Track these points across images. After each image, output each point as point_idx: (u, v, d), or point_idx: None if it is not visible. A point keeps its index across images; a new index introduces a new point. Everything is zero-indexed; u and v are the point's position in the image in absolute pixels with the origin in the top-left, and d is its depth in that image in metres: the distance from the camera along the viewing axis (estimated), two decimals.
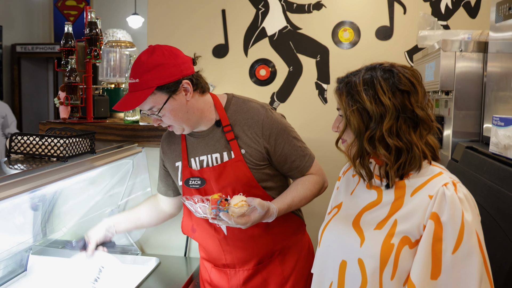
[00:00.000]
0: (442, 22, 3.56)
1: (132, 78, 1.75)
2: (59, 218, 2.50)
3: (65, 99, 2.53)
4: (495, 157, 1.65)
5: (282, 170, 1.92)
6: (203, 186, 1.87)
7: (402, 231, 1.26)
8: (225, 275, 1.97)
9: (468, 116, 2.16)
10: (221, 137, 1.87)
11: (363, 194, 1.41)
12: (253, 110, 1.88)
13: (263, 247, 1.92)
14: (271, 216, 1.72)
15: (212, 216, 1.64)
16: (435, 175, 1.29)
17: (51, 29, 9.11)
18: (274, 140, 1.85)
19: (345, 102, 1.34)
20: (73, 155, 1.88)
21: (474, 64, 2.16)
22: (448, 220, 1.20)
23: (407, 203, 1.29)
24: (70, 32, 2.60)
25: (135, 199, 2.51)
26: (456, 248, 1.19)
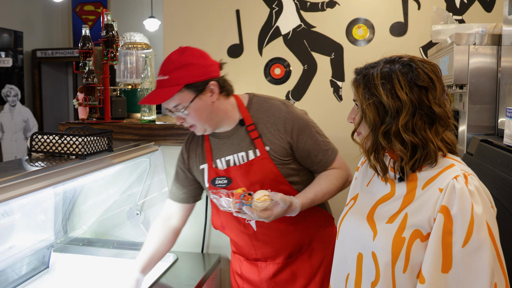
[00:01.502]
0: (457, 17, 3.54)
1: (161, 75, 1.79)
2: (79, 216, 2.55)
3: (83, 100, 2.58)
4: (509, 149, 1.65)
5: (305, 164, 1.94)
6: (229, 185, 1.90)
7: (413, 225, 1.26)
8: (256, 267, 2.00)
9: (483, 110, 2.15)
10: (245, 136, 1.90)
11: (378, 187, 1.41)
12: (275, 107, 1.92)
13: (292, 242, 1.95)
14: (294, 211, 1.74)
15: (236, 210, 1.68)
16: (447, 168, 1.27)
17: (70, 34, 9.25)
18: (296, 135, 1.88)
19: (361, 94, 1.33)
20: (91, 153, 1.93)
21: (488, 58, 2.15)
22: (458, 213, 1.19)
23: (419, 196, 1.28)
24: (87, 35, 2.65)
25: (153, 199, 2.55)
26: (466, 241, 1.18)
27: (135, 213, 2.53)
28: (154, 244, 2.03)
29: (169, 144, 2.50)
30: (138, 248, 2.47)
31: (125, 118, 2.83)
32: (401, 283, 1.26)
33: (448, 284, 1.19)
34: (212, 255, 2.44)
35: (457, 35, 2.16)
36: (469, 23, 2.49)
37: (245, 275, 2.04)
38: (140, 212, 2.53)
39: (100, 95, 2.64)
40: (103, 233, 2.59)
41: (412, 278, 1.26)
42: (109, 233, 2.58)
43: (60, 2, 8.57)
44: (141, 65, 3.18)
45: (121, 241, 2.53)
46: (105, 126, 2.55)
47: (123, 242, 2.53)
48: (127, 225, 2.56)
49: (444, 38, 2.48)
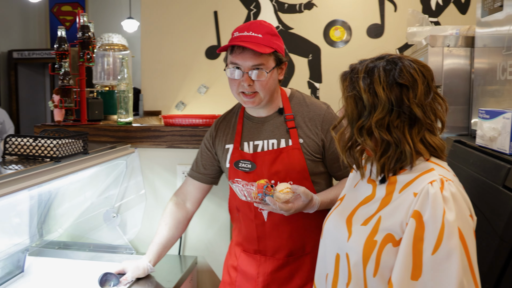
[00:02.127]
0: (433, 19, 3.60)
1: (251, 31, 1.82)
2: (55, 219, 2.52)
3: (59, 102, 2.55)
4: (481, 149, 1.68)
5: (331, 167, 1.96)
6: (253, 171, 1.90)
7: (385, 228, 1.24)
8: (254, 261, 1.98)
9: (456, 111, 2.18)
10: (282, 124, 1.93)
11: (362, 188, 1.40)
12: (316, 104, 1.97)
13: (297, 241, 1.94)
14: (313, 207, 1.77)
15: (257, 200, 1.70)
16: (425, 172, 1.24)
17: (47, 34, 9.13)
18: (331, 136, 1.90)
19: (345, 87, 1.33)
20: (66, 156, 1.91)
21: (462, 59, 2.18)
22: (429, 219, 1.16)
23: (395, 199, 1.26)
24: (63, 36, 2.62)
25: (130, 202, 2.54)
26: (435, 248, 1.14)
27: (112, 216, 2.51)
28: (168, 228, 2.08)
29: (146, 146, 2.49)
30: (114, 250, 2.46)
31: (102, 120, 2.81)
32: (372, 287, 1.25)
33: None
34: (189, 257, 2.43)
35: (431, 37, 2.19)
36: (443, 26, 2.53)
37: (241, 268, 2.02)
38: (116, 214, 2.51)
39: (76, 97, 2.62)
40: (79, 236, 2.56)
41: (383, 282, 1.23)
42: (86, 236, 2.56)
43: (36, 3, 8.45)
44: (118, 67, 3.16)
45: (97, 244, 2.51)
46: (81, 128, 2.52)
47: (100, 245, 2.50)
48: (103, 228, 2.54)
49: (419, 40, 2.51)
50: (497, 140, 1.56)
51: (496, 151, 1.56)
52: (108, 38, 4.44)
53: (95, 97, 2.86)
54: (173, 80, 4.23)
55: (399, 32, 3.57)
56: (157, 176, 2.52)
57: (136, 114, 4.36)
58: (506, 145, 1.50)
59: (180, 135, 2.44)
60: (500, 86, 1.74)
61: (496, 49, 1.79)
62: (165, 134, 2.46)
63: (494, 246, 1.33)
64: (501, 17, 1.73)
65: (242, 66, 1.82)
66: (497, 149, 1.56)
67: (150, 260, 2.05)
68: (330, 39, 3.70)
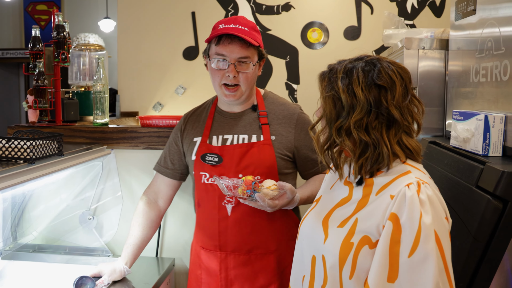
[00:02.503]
0: (408, 22, 3.64)
1: (238, 24, 1.85)
2: (29, 222, 2.48)
3: (33, 103, 2.52)
4: (456, 150, 1.70)
5: (303, 166, 1.99)
6: (219, 164, 1.91)
7: (362, 231, 1.24)
8: (215, 257, 1.97)
9: (432, 112, 2.21)
10: (255, 121, 1.95)
11: (339, 190, 1.40)
12: (289, 105, 2.03)
13: (259, 236, 1.93)
14: (293, 204, 1.80)
15: (244, 197, 1.71)
16: (402, 174, 1.25)
17: (21, 34, 8.97)
18: (304, 135, 1.95)
19: (324, 87, 1.32)
20: (40, 157, 1.88)
21: (436, 62, 2.21)
22: (406, 221, 1.16)
23: (371, 202, 1.26)
24: (37, 36, 2.59)
25: (107, 204, 2.51)
26: (412, 251, 1.15)
27: (88, 218, 2.48)
28: (142, 229, 2.07)
29: (122, 148, 2.47)
30: (91, 253, 2.43)
31: (78, 121, 2.77)
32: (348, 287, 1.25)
33: None
34: (166, 259, 2.42)
35: (407, 40, 2.22)
36: (418, 28, 2.57)
37: (204, 264, 2.01)
38: (92, 217, 2.49)
39: (51, 97, 2.58)
40: (55, 239, 2.53)
41: (359, 284, 1.23)
42: (61, 238, 2.52)
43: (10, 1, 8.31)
44: (95, 67, 3.12)
45: (73, 247, 2.48)
46: (56, 129, 2.49)
47: (76, 248, 2.47)
48: (79, 230, 2.51)
49: (395, 42, 2.54)
50: (471, 141, 1.59)
51: (469, 152, 1.59)
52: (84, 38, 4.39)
53: (70, 98, 2.83)
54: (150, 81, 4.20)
55: (375, 34, 3.61)
56: (134, 178, 2.50)
57: (113, 115, 4.31)
58: (479, 146, 1.53)
59: (157, 136, 2.43)
60: (473, 88, 1.77)
61: (469, 52, 1.82)
62: (142, 135, 2.44)
63: (467, 246, 1.35)
64: (474, 21, 1.76)
65: (228, 57, 1.84)
66: (470, 150, 1.58)
67: (126, 262, 2.03)
68: (307, 41, 3.72)
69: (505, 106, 1.51)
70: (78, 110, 2.77)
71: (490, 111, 1.58)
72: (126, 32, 4.03)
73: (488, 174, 1.35)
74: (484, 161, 1.41)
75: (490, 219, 1.29)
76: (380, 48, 3.59)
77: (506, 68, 1.49)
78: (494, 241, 1.29)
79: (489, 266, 1.31)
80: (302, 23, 3.72)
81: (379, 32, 3.52)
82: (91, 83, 3.04)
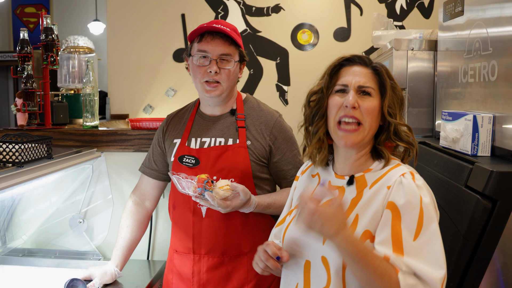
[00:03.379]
0: (397, 23, 3.66)
1: (220, 24, 1.89)
2: (19, 226, 2.46)
3: (22, 106, 2.50)
4: (445, 150, 1.71)
5: (276, 175, 1.99)
6: (196, 166, 1.91)
7: (363, 226, 1.27)
8: (188, 260, 1.96)
9: (421, 113, 2.23)
10: (232, 125, 1.96)
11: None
12: (268, 111, 2.02)
13: (233, 238, 1.93)
14: (249, 207, 1.79)
15: (196, 195, 1.70)
16: (393, 167, 1.32)
17: (10, 36, 8.91)
18: (279, 144, 1.95)
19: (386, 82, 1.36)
20: (29, 161, 1.86)
21: (426, 63, 2.23)
22: (406, 206, 1.21)
23: (366, 195, 1.30)
24: (25, 38, 2.57)
25: (97, 207, 2.50)
26: (416, 235, 1.19)
27: (78, 221, 2.47)
28: (130, 231, 2.08)
29: (113, 150, 2.45)
30: (81, 257, 2.42)
31: (67, 124, 2.76)
32: (351, 286, 1.26)
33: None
34: (158, 262, 2.41)
35: (396, 41, 2.23)
36: (407, 29, 2.58)
37: (176, 269, 2.00)
38: (83, 220, 2.47)
39: (40, 100, 2.56)
40: (45, 243, 2.51)
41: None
42: (51, 242, 2.51)
43: None
44: (84, 70, 3.11)
45: (63, 250, 2.46)
46: (45, 132, 2.47)
47: (66, 252, 2.46)
48: (69, 234, 2.49)
49: (384, 44, 2.56)
50: (460, 141, 1.60)
51: (459, 152, 1.60)
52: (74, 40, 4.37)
53: (60, 101, 2.81)
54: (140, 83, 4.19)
55: (365, 35, 3.63)
56: (125, 181, 2.49)
57: (103, 118, 4.30)
58: (468, 146, 1.54)
59: (147, 138, 2.42)
60: (462, 88, 1.78)
61: (457, 52, 1.84)
62: (132, 137, 2.43)
63: (457, 245, 1.36)
64: (462, 22, 1.78)
65: (210, 53, 1.88)
66: (459, 150, 1.60)
67: (116, 265, 2.02)
68: (297, 42, 3.73)
69: (493, 106, 1.52)
70: (67, 113, 2.75)
71: (479, 111, 1.59)
72: (115, 34, 4.01)
73: (477, 174, 1.36)
74: (473, 161, 1.42)
75: (480, 219, 1.30)
76: (370, 49, 3.61)
77: (494, 69, 1.50)
78: (484, 240, 1.31)
79: (479, 265, 1.33)
80: (292, 24, 3.73)
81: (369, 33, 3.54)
82: (80, 86, 3.03)
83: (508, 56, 1.43)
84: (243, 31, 3.75)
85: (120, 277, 2.04)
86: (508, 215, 1.29)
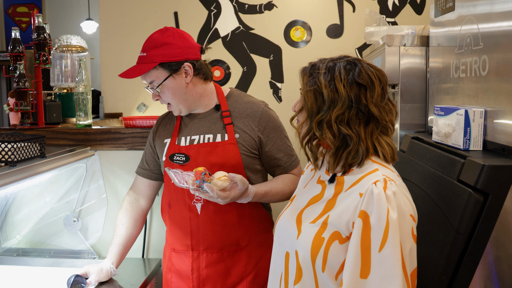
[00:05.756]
0: (390, 19, 3.67)
1: (141, 52, 1.92)
2: (13, 226, 2.46)
3: (14, 105, 2.49)
4: (437, 145, 1.72)
5: (268, 164, 2.00)
6: (187, 163, 1.93)
7: (333, 226, 1.29)
8: (187, 258, 1.97)
9: (414, 108, 2.23)
10: (218, 120, 1.97)
11: (313, 188, 1.45)
12: (253, 102, 2.01)
13: (230, 233, 1.95)
14: (247, 197, 1.80)
15: (194, 187, 1.70)
16: (369, 173, 1.31)
17: (2, 36, 8.87)
18: (268, 133, 1.96)
19: (305, 82, 1.38)
20: (22, 160, 1.86)
21: (418, 58, 2.23)
22: (375, 218, 1.22)
23: (341, 199, 1.32)
24: (17, 38, 2.56)
25: (91, 206, 2.50)
26: (382, 246, 1.20)
27: (72, 220, 2.47)
28: (126, 228, 2.08)
29: (106, 149, 2.45)
30: (76, 256, 2.42)
31: (60, 123, 2.75)
32: (323, 281, 1.30)
33: None
34: (153, 260, 2.41)
35: (388, 37, 2.24)
36: (400, 25, 2.59)
37: (175, 267, 2.02)
38: (77, 219, 2.47)
39: (33, 99, 2.56)
40: (39, 242, 2.51)
41: (332, 277, 1.29)
42: (46, 242, 2.51)
43: None
44: (77, 69, 3.10)
45: (58, 250, 2.47)
46: (38, 131, 2.47)
47: (61, 251, 2.46)
48: (64, 233, 2.49)
49: (377, 40, 2.56)
50: (452, 136, 1.61)
51: (451, 147, 1.61)
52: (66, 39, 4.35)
53: (52, 100, 2.81)
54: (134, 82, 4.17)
55: (358, 32, 3.64)
56: (119, 179, 2.49)
57: (97, 117, 4.29)
58: (460, 140, 1.55)
59: (141, 136, 2.42)
60: (454, 84, 1.79)
61: (449, 48, 1.85)
62: (126, 136, 2.44)
63: (450, 239, 1.37)
64: (453, 17, 1.79)
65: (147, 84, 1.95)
66: (452, 145, 1.61)
67: (112, 262, 2.03)
68: (290, 39, 3.74)
69: (485, 101, 1.53)
70: (60, 112, 2.75)
71: (471, 106, 1.60)
72: (108, 33, 4.01)
73: (469, 168, 1.37)
74: (465, 155, 1.43)
75: (472, 212, 1.31)
76: (363, 46, 3.62)
77: (485, 64, 1.51)
78: (476, 233, 1.31)
79: (471, 258, 1.33)
80: (285, 21, 3.74)
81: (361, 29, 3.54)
82: (73, 85, 3.02)
83: (498, 51, 1.43)
84: (236, 28, 3.75)
85: (116, 275, 2.04)
86: (499, 209, 1.30)
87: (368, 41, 2.74)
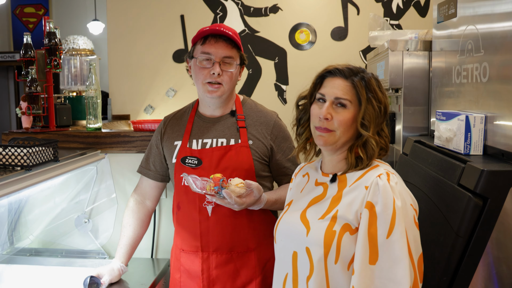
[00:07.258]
0: (394, 22, 3.71)
1: (223, 28, 1.94)
2: (26, 226, 2.52)
3: (26, 109, 2.55)
4: (439, 149, 1.76)
5: (278, 172, 2.05)
6: (199, 166, 1.96)
7: (343, 219, 1.38)
8: (197, 258, 2.01)
9: (416, 112, 2.27)
10: (233, 125, 2.01)
11: (312, 191, 1.54)
12: (266, 111, 2.09)
13: (240, 235, 1.98)
14: (260, 204, 1.85)
15: (212, 193, 1.75)
16: (371, 168, 1.43)
17: (10, 37, 8.93)
18: (279, 142, 2.02)
19: (363, 93, 1.43)
20: (37, 164, 1.92)
21: (421, 62, 2.27)
22: (381, 207, 1.32)
23: (346, 193, 1.42)
24: (29, 43, 2.62)
25: (101, 207, 2.55)
26: (389, 233, 1.30)
27: (83, 221, 2.52)
28: (133, 229, 2.14)
29: (116, 152, 2.51)
30: (87, 256, 2.47)
31: (71, 125, 2.81)
32: (333, 274, 1.38)
33: (375, 274, 1.31)
34: (162, 260, 2.46)
35: (391, 41, 2.28)
36: (403, 30, 2.63)
37: (184, 267, 2.05)
38: (88, 220, 2.52)
39: (44, 103, 2.62)
40: (51, 242, 2.56)
41: (344, 268, 1.37)
42: (57, 242, 2.56)
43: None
44: (86, 72, 3.16)
45: (69, 250, 2.52)
46: (50, 135, 2.53)
47: (72, 251, 2.51)
48: (75, 233, 2.55)
49: (381, 44, 2.60)
50: (453, 141, 1.65)
51: (452, 151, 1.65)
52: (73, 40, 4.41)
53: (62, 103, 2.86)
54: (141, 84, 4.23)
55: (362, 34, 3.67)
56: (128, 181, 2.54)
57: (105, 118, 4.34)
58: (461, 145, 1.59)
59: (149, 140, 2.46)
60: (455, 88, 1.83)
61: (451, 52, 1.88)
62: (135, 139, 2.49)
63: (450, 241, 1.42)
64: (455, 23, 1.83)
65: (214, 55, 1.93)
66: (453, 149, 1.65)
67: (122, 262, 2.10)
68: (295, 42, 3.78)
69: (485, 107, 1.57)
70: (70, 115, 2.81)
71: (471, 111, 1.64)
72: (116, 35, 4.06)
73: (469, 172, 1.42)
74: (465, 160, 1.48)
75: (471, 216, 1.36)
76: (367, 49, 3.66)
77: (485, 70, 1.55)
78: (475, 236, 1.36)
79: (471, 259, 1.38)
80: (290, 24, 3.78)
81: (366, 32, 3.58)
82: (82, 88, 3.08)
83: (498, 58, 1.48)
84: (241, 31, 3.80)
85: (125, 274, 2.10)
86: (498, 212, 1.34)
87: (372, 45, 2.78)
